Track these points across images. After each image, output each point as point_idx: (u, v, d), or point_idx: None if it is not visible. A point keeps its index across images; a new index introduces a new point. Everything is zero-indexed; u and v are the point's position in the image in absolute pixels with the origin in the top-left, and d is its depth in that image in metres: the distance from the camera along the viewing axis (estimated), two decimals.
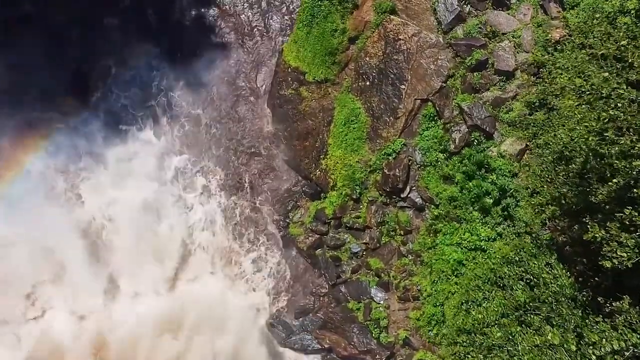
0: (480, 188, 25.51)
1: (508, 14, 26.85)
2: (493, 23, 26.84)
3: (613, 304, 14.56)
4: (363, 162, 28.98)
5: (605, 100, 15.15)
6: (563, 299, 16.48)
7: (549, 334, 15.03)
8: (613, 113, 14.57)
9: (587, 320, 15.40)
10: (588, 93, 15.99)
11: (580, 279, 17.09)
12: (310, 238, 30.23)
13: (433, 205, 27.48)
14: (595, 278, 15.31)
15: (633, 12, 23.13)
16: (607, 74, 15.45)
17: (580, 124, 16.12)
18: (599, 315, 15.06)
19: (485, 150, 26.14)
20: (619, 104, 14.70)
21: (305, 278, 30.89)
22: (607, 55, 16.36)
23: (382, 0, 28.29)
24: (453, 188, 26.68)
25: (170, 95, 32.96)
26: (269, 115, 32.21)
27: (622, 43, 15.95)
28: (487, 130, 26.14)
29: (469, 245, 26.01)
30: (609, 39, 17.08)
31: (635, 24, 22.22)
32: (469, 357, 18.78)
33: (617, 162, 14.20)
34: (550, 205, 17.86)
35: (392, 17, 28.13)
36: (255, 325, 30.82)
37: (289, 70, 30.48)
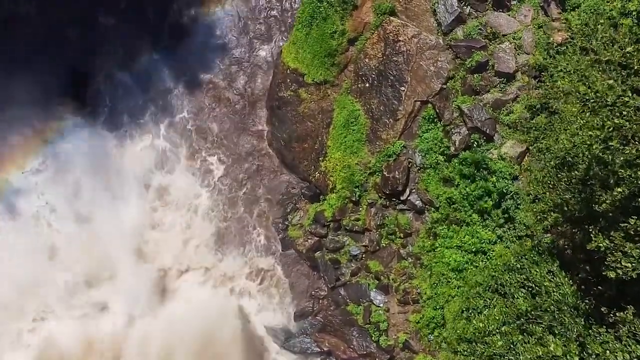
0: (481, 191, 25.36)
1: (508, 16, 26.64)
2: (493, 24, 26.63)
3: (617, 314, 14.39)
4: (362, 164, 28.81)
5: (610, 108, 14.93)
6: (565, 308, 16.30)
7: (552, 345, 14.86)
8: (618, 121, 14.35)
9: (590, 330, 15.23)
10: (592, 100, 15.76)
11: (583, 287, 16.90)
12: (310, 240, 30.08)
13: (433, 208, 27.35)
14: (599, 287, 15.12)
15: (634, 13, 23.02)
16: (611, 81, 15.22)
17: (583, 130, 15.90)
18: (602, 326, 14.87)
19: (486, 153, 25.99)
20: (624, 112, 14.49)
21: (305, 281, 30.78)
22: (611, 62, 16.13)
23: (381, 2, 28.06)
24: (453, 190, 26.54)
25: (169, 97, 32.73)
26: (268, 117, 32.00)
27: (627, 50, 15.72)
28: (487, 133, 25.98)
29: (470, 248, 25.93)
30: (613, 45, 16.86)
31: (638, 26, 22.14)
32: None
33: (621, 170, 14.00)
34: (553, 212, 17.65)
35: (391, 18, 27.92)
36: (254, 328, 30.65)
37: (288, 72, 30.26)
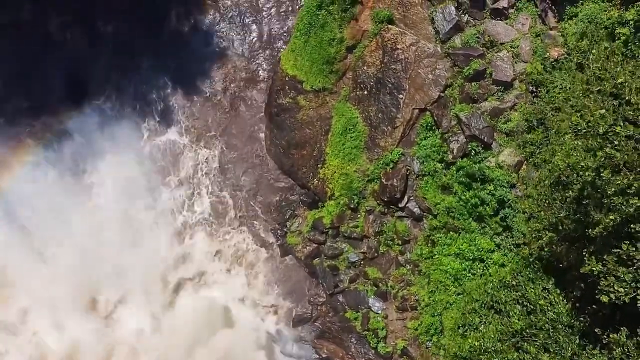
0: (478, 199, 25.46)
1: (506, 24, 26.64)
2: (491, 33, 26.64)
3: (610, 336, 14.50)
4: (361, 171, 28.89)
5: (602, 137, 15.02)
6: (560, 326, 16.44)
7: None
8: (609, 151, 14.45)
9: (584, 350, 15.34)
10: (584, 130, 15.84)
11: (578, 305, 17.03)
12: (308, 247, 30.19)
13: (431, 215, 27.45)
14: (593, 305, 15.22)
15: (631, 22, 23.09)
16: (603, 111, 15.32)
17: (577, 151, 16.01)
18: (596, 347, 14.99)
19: (483, 161, 26.05)
20: (615, 141, 14.59)
21: (303, 287, 30.91)
22: (603, 92, 16.21)
23: (379, 10, 28.07)
24: (451, 198, 26.64)
25: (167, 102, 32.81)
26: (266, 124, 32.07)
27: (618, 81, 15.79)
28: (485, 141, 26.02)
29: (468, 256, 26.04)
30: (606, 74, 16.93)
31: (635, 35, 22.19)
32: None
33: (614, 198, 14.10)
34: (548, 231, 17.77)
35: (389, 26, 27.94)
36: (254, 335, 30.80)
37: (287, 79, 30.28)
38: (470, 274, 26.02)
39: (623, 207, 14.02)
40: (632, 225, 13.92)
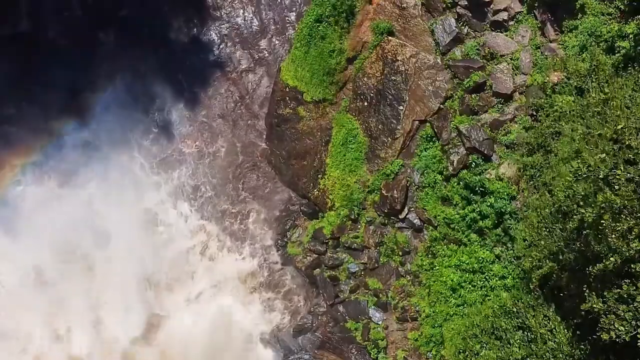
0: (477, 213, 25.49)
1: (506, 36, 26.64)
2: (491, 45, 26.65)
3: None
4: (361, 182, 28.98)
5: (602, 181, 15.06)
6: (560, 355, 16.46)
7: None
8: (609, 197, 14.50)
9: None
10: (585, 175, 15.82)
11: (579, 332, 16.99)
12: (309, 257, 30.28)
13: (431, 227, 27.49)
14: (594, 335, 15.20)
15: (631, 36, 23.10)
16: (603, 155, 15.32)
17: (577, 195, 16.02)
18: None
19: (483, 173, 26.05)
20: (616, 185, 14.63)
21: (304, 297, 30.98)
22: (603, 136, 16.17)
23: (379, 21, 28.11)
24: (451, 210, 26.65)
25: (166, 113, 32.90)
26: (267, 134, 32.12)
27: (618, 127, 15.79)
28: (485, 153, 25.98)
29: (468, 268, 26.05)
30: (605, 122, 16.87)
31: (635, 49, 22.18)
32: None
33: (614, 241, 14.18)
34: (548, 261, 17.76)
35: (390, 38, 27.98)
36: (254, 344, 30.92)
37: (287, 90, 30.34)
38: (471, 286, 26.06)
39: (624, 250, 14.11)
40: (632, 265, 14.00)
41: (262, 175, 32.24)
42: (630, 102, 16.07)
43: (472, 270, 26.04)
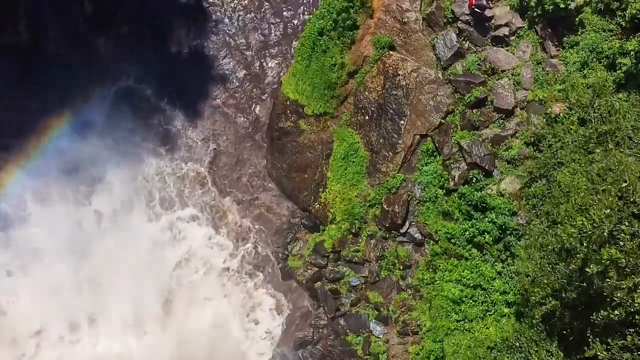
0: (477, 229, 25.52)
1: (507, 51, 26.64)
2: (492, 60, 26.64)
3: None
4: (362, 196, 28.98)
5: (608, 237, 15.10)
6: None
7: None
8: (614, 254, 14.53)
9: None
10: (589, 232, 15.82)
11: None
12: (310, 271, 30.31)
13: (432, 241, 27.51)
14: None
15: (632, 53, 23.14)
16: (608, 211, 15.33)
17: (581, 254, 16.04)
18: None
19: (485, 188, 26.07)
20: (621, 241, 14.66)
21: (304, 310, 31.01)
22: (608, 191, 16.18)
23: (380, 36, 28.08)
24: (452, 225, 26.67)
25: (166, 126, 32.88)
26: (268, 147, 32.10)
27: (622, 185, 15.80)
28: (486, 168, 26.00)
29: (469, 283, 26.09)
30: (608, 177, 16.86)
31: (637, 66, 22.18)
32: None
33: (619, 294, 14.27)
34: (552, 299, 17.75)
35: (391, 52, 27.96)
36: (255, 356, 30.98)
37: (288, 103, 30.32)
38: (472, 301, 26.12)
39: (628, 305, 14.19)
40: (637, 317, 14.10)
41: (262, 189, 32.18)
42: (633, 132, 16.05)
43: (473, 286, 26.09)
